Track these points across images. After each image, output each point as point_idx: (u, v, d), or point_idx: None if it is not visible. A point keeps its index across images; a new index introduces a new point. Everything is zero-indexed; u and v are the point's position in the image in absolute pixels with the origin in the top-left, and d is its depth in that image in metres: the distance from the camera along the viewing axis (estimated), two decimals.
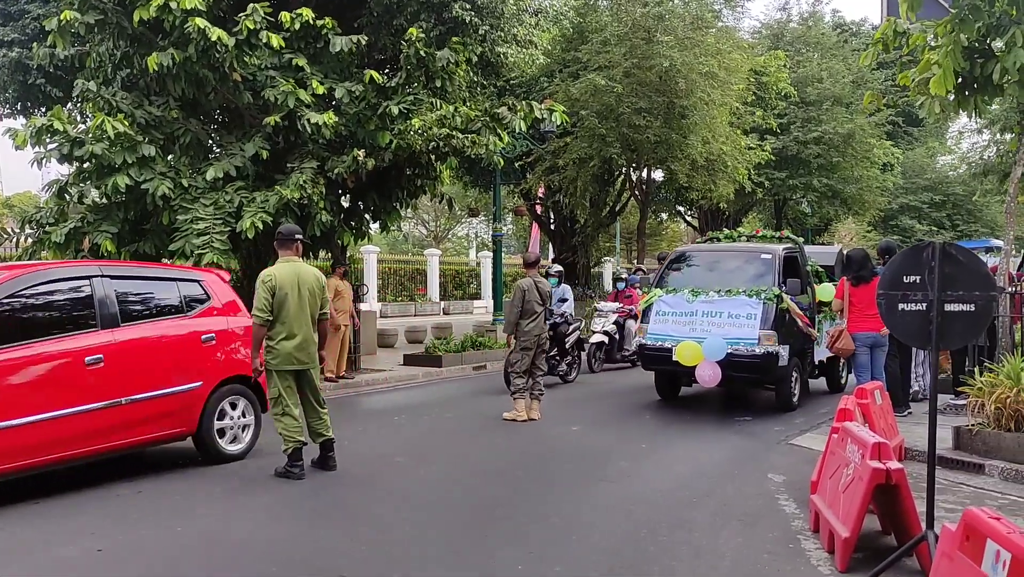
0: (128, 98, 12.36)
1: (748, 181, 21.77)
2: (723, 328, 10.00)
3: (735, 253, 11.33)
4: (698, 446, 8.64)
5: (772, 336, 9.88)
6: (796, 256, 11.13)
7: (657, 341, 10.48)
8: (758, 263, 10.70)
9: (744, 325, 9.95)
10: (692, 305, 10.37)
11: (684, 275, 11.16)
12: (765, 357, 9.87)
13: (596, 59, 18.26)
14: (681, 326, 10.32)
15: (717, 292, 10.31)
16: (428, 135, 12.33)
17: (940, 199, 35.34)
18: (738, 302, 10.10)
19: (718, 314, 10.15)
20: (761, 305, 9.98)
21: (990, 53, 9.32)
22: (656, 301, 10.75)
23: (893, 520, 5.22)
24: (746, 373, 10.05)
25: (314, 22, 12.32)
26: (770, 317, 9.97)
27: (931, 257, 4.57)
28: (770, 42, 28.29)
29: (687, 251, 12.31)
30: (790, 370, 10.39)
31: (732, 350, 9.82)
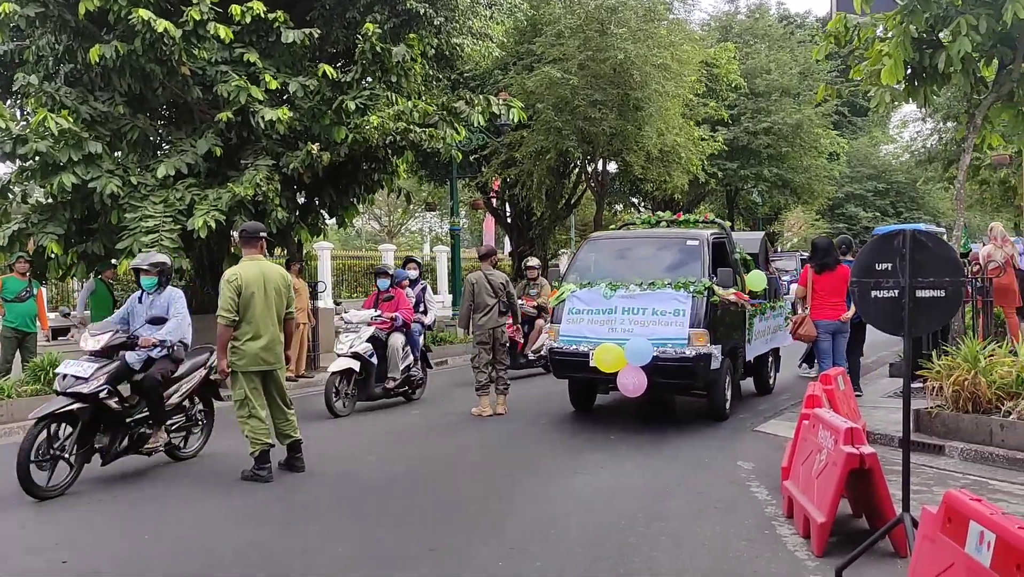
0: (72, 93, 11.99)
1: (701, 172, 21.99)
2: (647, 327, 8.70)
3: (657, 240, 9.94)
4: (666, 436, 8.70)
5: (704, 335, 8.63)
6: (724, 242, 9.95)
7: (571, 344, 9.07)
8: (684, 251, 9.42)
9: (671, 323, 8.65)
10: (611, 301, 9.01)
11: (600, 266, 9.75)
12: (696, 360, 8.53)
13: (551, 52, 18.25)
14: (599, 326, 8.95)
15: (639, 285, 8.98)
16: (385, 129, 12.20)
17: (884, 187, 36.23)
18: (664, 296, 8.83)
19: (641, 311, 8.85)
20: (690, 299, 8.72)
21: (938, 43, 9.56)
22: (568, 297, 9.32)
23: (866, 504, 5.31)
24: (675, 379, 8.75)
25: (265, 15, 12.08)
26: (701, 313, 8.70)
27: (902, 244, 4.64)
28: (719, 34, 28.62)
29: (602, 238, 10.62)
30: (723, 373, 9.11)
31: (659, 352, 8.47)
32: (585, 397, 10.17)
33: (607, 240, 10.49)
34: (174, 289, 7.52)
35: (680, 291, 8.80)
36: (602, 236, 10.77)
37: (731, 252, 9.96)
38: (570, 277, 9.65)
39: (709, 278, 8.98)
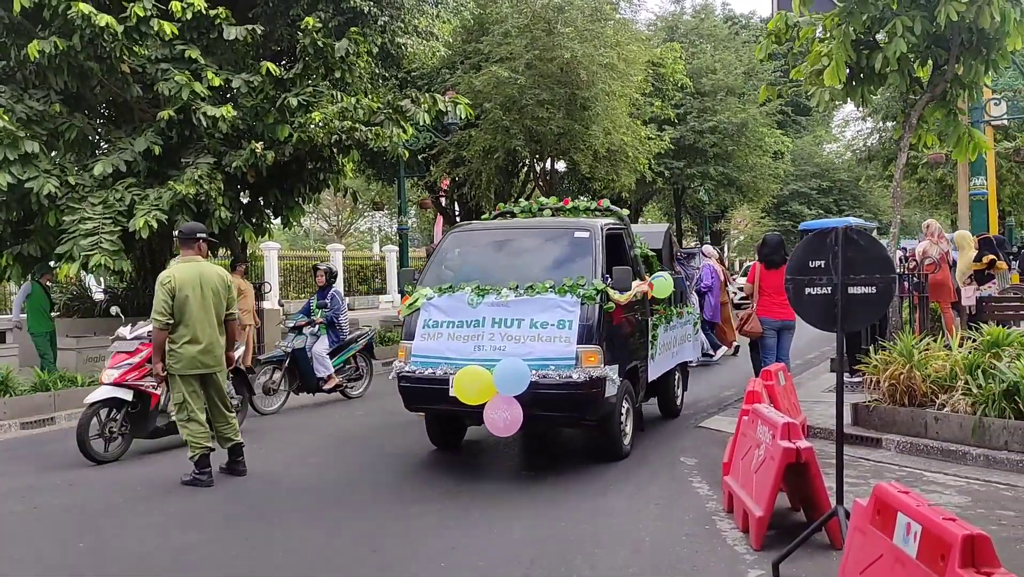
0: (5, 91, 11.65)
1: (648, 171, 22.20)
2: (524, 343, 6.83)
3: (538, 232, 8.03)
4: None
5: (596, 353, 6.81)
6: (622, 235, 8.18)
7: (426, 367, 7.02)
8: (571, 245, 7.56)
9: (555, 338, 6.81)
10: (477, 310, 7.05)
11: (467, 265, 7.80)
12: (587, 385, 6.69)
13: (498, 51, 18.24)
14: (462, 343, 7.00)
15: (514, 289, 7.06)
16: (330, 128, 12.08)
17: (827, 185, 36.98)
18: (545, 303, 6.93)
19: (516, 323, 6.93)
20: (579, 307, 6.87)
21: (874, 44, 9.78)
22: (424, 306, 7.28)
23: (803, 497, 5.41)
24: (560, 411, 6.90)
25: (207, 11, 11.88)
26: (592, 324, 6.89)
27: (835, 242, 4.74)
28: (665, 34, 28.93)
29: (470, 229, 8.54)
30: (620, 400, 7.31)
31: (538, 377, 6.61)
32: (450, 433, 8.13)
33: (476, 232, 8.39)
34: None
35: (566, 296, 6.93)
36: (470, 227, 8.62)
37: (630, 248, 8.27)
38: (428, 279, 7.63)
39: (603, 279, 7.11)
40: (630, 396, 7.67)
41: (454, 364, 6.87)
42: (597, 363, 6.82)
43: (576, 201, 8.70)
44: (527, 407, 6.58)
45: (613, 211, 8.55)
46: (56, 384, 10.63)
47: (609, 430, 7.34)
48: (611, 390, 6.97)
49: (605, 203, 8.66)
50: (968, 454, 7.07)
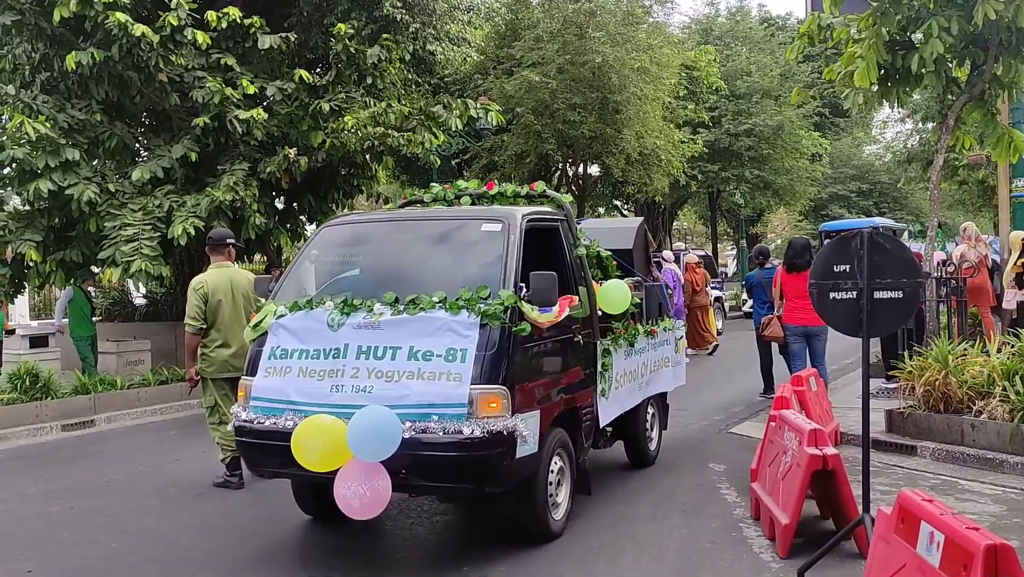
0: (49, 101, 11.95)
1: (682, 174, 22.08)
2: (398, 382, 4.90)
3: (433, 225, 6.08)
4: None
5: (499, 396, 4.85)
6: (557, 229, 6.16)
7: (268, 414, 5.15)
8: (476, 242, 5.68)
9: (441, 374, 4.87)
10: (339, 335, 5.15)
11: (336, 271, 5.97)
12: (485, 444, 4.74)
13: (529, 56, 18.29)
14: (316, 381, 5.08)
15: (391, 305, 5.11)
16: (363, 134, 12.21)
17: (867, 187, 36.42)
18: (431, 324, 4.99)
19: (389, 352, 5.00)
20: (476, 330, 4.93)
21: (910, 45, 9.63)
22: (272, 328, 5.42)
23: (830, 505, 5.34)
24: (447, 481, 4.98)
25: (241, 21, 12.08)
26: (497, 353, 4.92)
27: (859, 246, 4.67)
28: (699, 37, 28.75)
29: (345, 224, 6.42)
30: (546, 459, 5.32)
31: (414, 432, 4.73)
32: (320, 500, 5.93)
33: (353, 226, 6.38)
34: None
35: (460, 314, 4.96)
36: (346, 220, 6.59)
37: (569, 247, 6.16)
38: (284, 291, 5.73)
39: (515, 289, 5.12)
40: (566, 451, 5.60)
41: (303, 412, 4.93)
42: (501, 410, 4.79)
43: (504, 185, 6.66)
44: (398, 476, 4.72)
45: (551, 197, 6.54)
46: (96, 387, 10.90)
47: (529, 503, 5.27)
48: (525, 448, 4.93)
49: (540, 186, 6.57)
50: (1005, 462, 6.92)
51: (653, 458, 7.57)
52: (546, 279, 5.14)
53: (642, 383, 7.12)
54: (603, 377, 6.19)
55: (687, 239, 53.37)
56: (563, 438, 5.61)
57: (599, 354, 6.17)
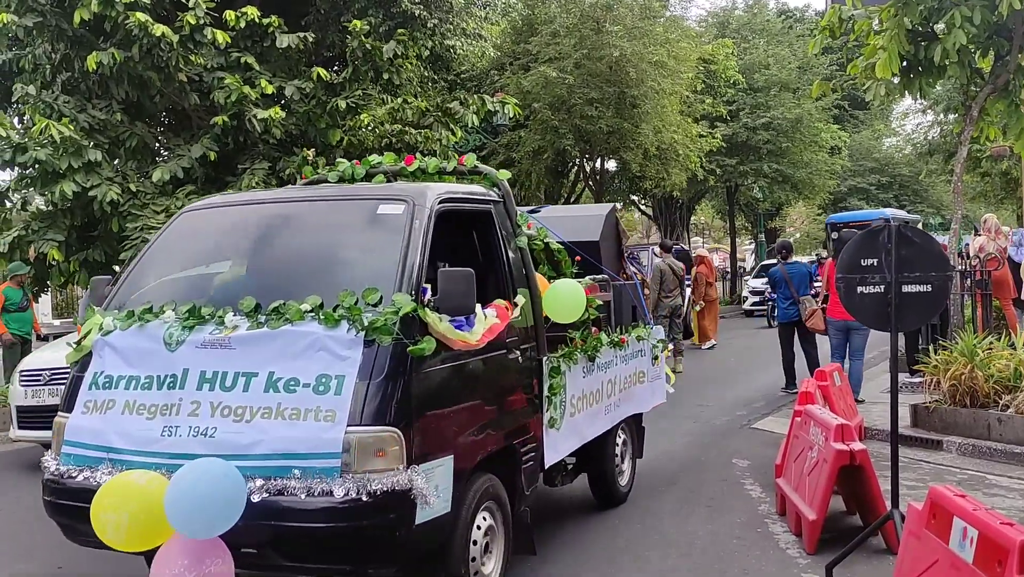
0: (70, 102, 12.04)
1: (700, 169, 21.97)
2: (249, 423, 3.69)
3: (318, 208, 4.70)
4: (659, 434, 8.64)
5: (389, 440, 3.66)
6: (488, 214, 4.85)
7: (81, 465, 3.93)
8: (367, 230, 4.41)
9: (308, 411, 3.65)
10: (177, 356, 3.91)
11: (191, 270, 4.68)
12: (368, 510, 3.55)
13: (546, 51, 18.25)
14: (145, 420, 3.86)
15: (249, 314, 3.89)
16: (380, 131, 12.22)
17: (887, 180, 36.09)
18: (298, 341, 3.79)
19: (241, 381, 3.79)
20: (359, 349, 3.74)
21: (933, 35, 9.53)
22: (95, 346, 4.15)
23: (858, 500, 5.30)
24: (314, 561, 3.74)
25: (259, 20, 12.12)
26: (385, 381, 3.71)
27: (887, 240, 4.63)
28: (717, 30, 28.57)
29: (209, 209, 4.97)
30: (462, 525, 4.07)
31: (268, 493, 3.55)
32: None
33: (219, 211, 4.92)
34: None
35: (337, 327, 3.75)
36: (210, 204, 5.03)
37: (505, 237, 4.85)
38: (123, 296, 4.38)
39: (417, 293, 3.88)
40: (497, 505, 4.35)
41: (125, 463, 3.74)
42: (391, 461, 3.57)
43: (425, 159, 5.29)
44: (246, 554, 3.61)
45: (484, 173, 5.19)
46: None
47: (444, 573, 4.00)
48: (430, 510, 3.70)
49: (471, 160, 5.28)
50: None
51: (624, 495, 6.22)
52: (459, 278, 3.85)
53: (609, 405, 5.79)
54: (552, 403, 4.90)
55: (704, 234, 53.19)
56: (493, 487, 4.29)
57: (546, 373, 4.85)
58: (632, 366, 6.22)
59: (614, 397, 5.88)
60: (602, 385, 5.67)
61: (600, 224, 6.68)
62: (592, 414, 5.54)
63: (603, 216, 6.82)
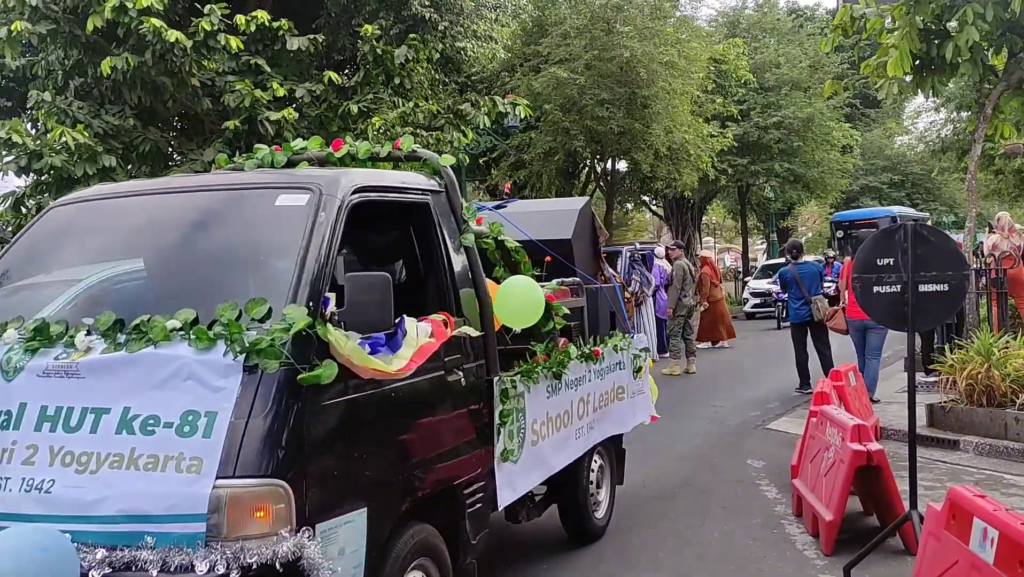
0: (84, 107, 12.12)
1: (711, 169, 21.91)
2: (95, 475, 2.83)
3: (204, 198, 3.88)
4: (673, 435, 8.64)
5: (271, 496, 2.81)
6: (426, 207, 4.07)
7: None
8: (262, 226, 3.59)
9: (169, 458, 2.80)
10: (13, 386, 3.06)
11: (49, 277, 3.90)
12: None
13: (557, 52, 18.24)
14: None
15: (106, 333, 3.02)
16: (391, 135, 12.25)
17: (899, 179, 35.93)
18: (159, 368, 2.94)
19: (88, 418, 2.92)
20: (236, 376, 2.88)
21: (945, 33, 9.48)
22: None
23: (875, 501, 5.27)
24: None
25: (270, 24, 12.17)
26: (270, 418, 2.86)
27: (903, 239, 4.61)
28: (727, 29, 28.50)
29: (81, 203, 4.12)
30: None
31: (112, 567, 2.70)
32: None
33: (88, 206, 4.09)
34: None
35: (210, 350, 2.94)
36: (83, 197, 4.23)
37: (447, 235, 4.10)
38: None
39: (318, 304, 3.13)
40: (433, 561, 3.63)
41: None
42: (273, 522, 2.81)
43: (355, 143, 4.38)
44: None
45: (424, 159, 4.35)
46: None
47: None
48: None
49: (407, 142, 4.33)
50: None
51: (602, 529, 5.50)
52: (371, 285, 3.09)
53: (582, 428, 5.05)
54: (507, 431, 4.16)
55: (716, 234, 53.07)
56: (427, 539, 3.56)
57: (497, 396, 4.09)
58: (609, 381, 5.46)
59: (588, 418, 5.13)
60: (572, 405, 4.94)
61: (573, 220, 5.94)
62: (560, 440, 4.77)
63: (576, 211, 6.09)
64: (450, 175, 4.26)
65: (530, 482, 4.50)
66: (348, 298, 3.11)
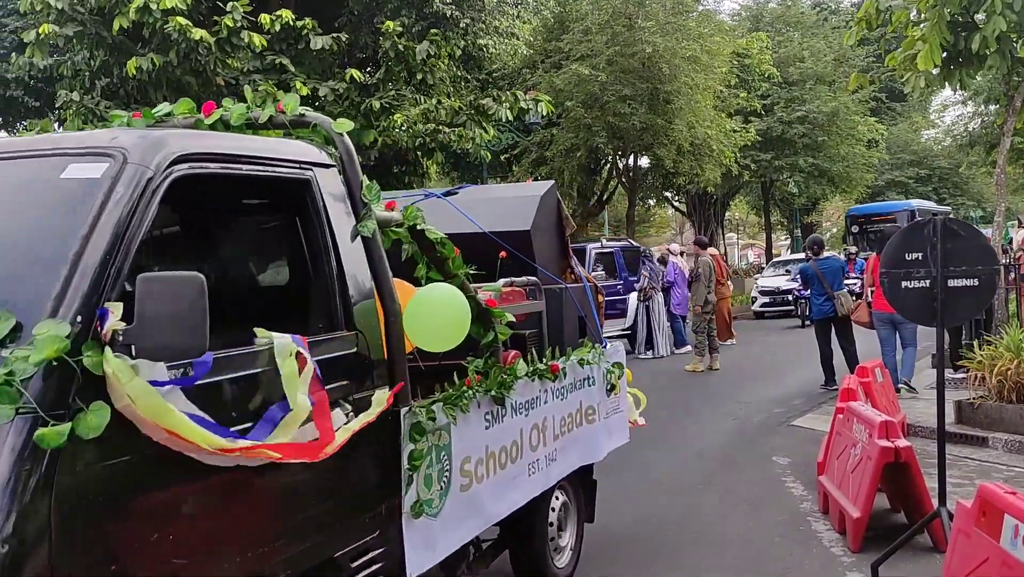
0: (111, 106, 12.26)
1: (734, 164, 21.77)
2: None
3: None
4: (698, 431, 8.62)
5: None
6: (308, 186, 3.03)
7: None
8: (42, 208, 2.46)
9: None
10: None
11: None
12: None
13: (578, 48, 18.20)
14: None
15: None
16: (414, 131, 12.29)
17: (926, 173, 35.51)
18: None
19: None
20: None
21: (973, 25, 9.34)
22: None
23: (903, 498, 5.22)
24: None
25: (294, 23, 12.25)
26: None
27: (932, 233, 4.55)
28: (750, 23, 28.30)
29: None
30: None
31: None
32: None
33: None
34: None
35: None
36: None
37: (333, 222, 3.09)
38: None
39: (82, 318, 2.11)
40: None
41: None
42: None
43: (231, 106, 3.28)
44: None
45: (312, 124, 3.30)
46: None
47: None
48: None
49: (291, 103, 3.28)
50: None
51: None
52: (174, 290, 2.16)
53: (537, 462, 4.10)
54: (420, 477, 3.24)
55: (739, 230, 52.70)
56: None
57: (405, 434, 3.16)
58: (574, 401, 4.51)
59: (546, 448, 4.17)
60: (523, 435, 3.97)
61: (533, 208, 4.81)
62: (505, 480, 3.82)
63: (538, 197, 4.94)
64: (347, 145, 3.26)
65: (458, 539, 3.52)
66: (139, 309, 2.10)
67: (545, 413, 4.19)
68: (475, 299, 3.60)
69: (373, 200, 3.27)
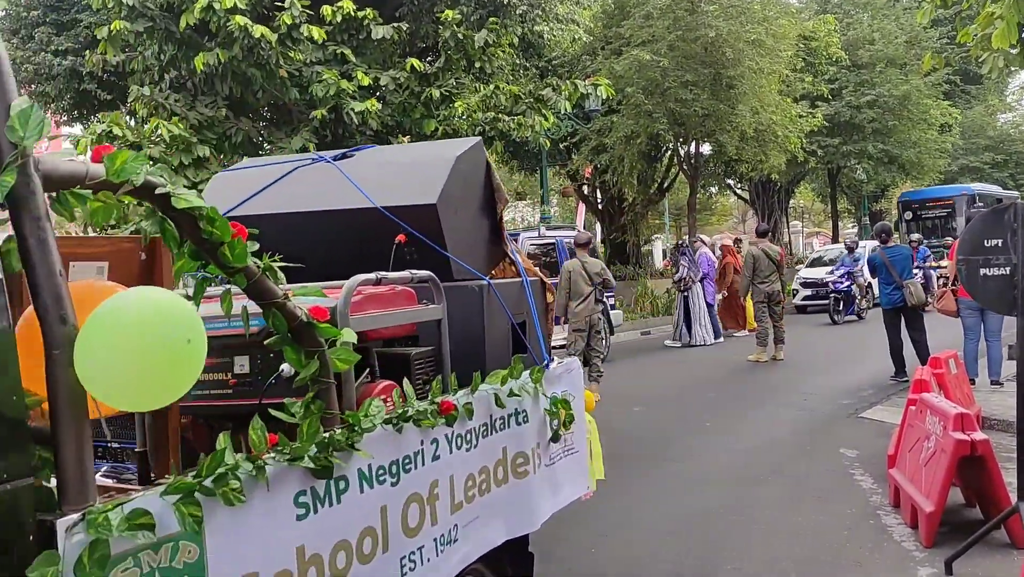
0: (179, 99, 12.56)
1: (800, 150, 21.28)
2: None
3: None
4: (765, 422, 8.46)
5: None
6: None
7: None
8: None
9: None
10: None
11: None
12: None
13: (639, 34, 17.98)
14: None
15: None
16: (474, 119, 12.31)
17: (1002, 158, 34.24)
18: None
19: None
20: None
21: None
22: None
23: (979, 493, 5.04)
24: None
25: (355, 13, 12.36)
26: None
27: (1013, 219, 4.36)
28: (818, 6, 27.59)
29: None
30: None
31: None
32: None
33: None
34: None
35: None
36: None
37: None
38: None
39: None
40: None
41: None
42: None
43: None
44: None
45: None
46: None
47: None
48: None
49: None
50: None
51: None
52: None
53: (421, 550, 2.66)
54: None
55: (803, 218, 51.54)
56: None
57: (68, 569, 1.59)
58: (492, 450, 3.10)
59: (437, 527, 2.74)
60: (386, 515, 2.52)
61: (443, 176, 3.52)
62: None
63: (451, 160, 3.62)
64: None
65: None
66: None
67: (435, 474, 2.74)
68: (283, 308, 2.25)
69: (27, 136, 1.70)
